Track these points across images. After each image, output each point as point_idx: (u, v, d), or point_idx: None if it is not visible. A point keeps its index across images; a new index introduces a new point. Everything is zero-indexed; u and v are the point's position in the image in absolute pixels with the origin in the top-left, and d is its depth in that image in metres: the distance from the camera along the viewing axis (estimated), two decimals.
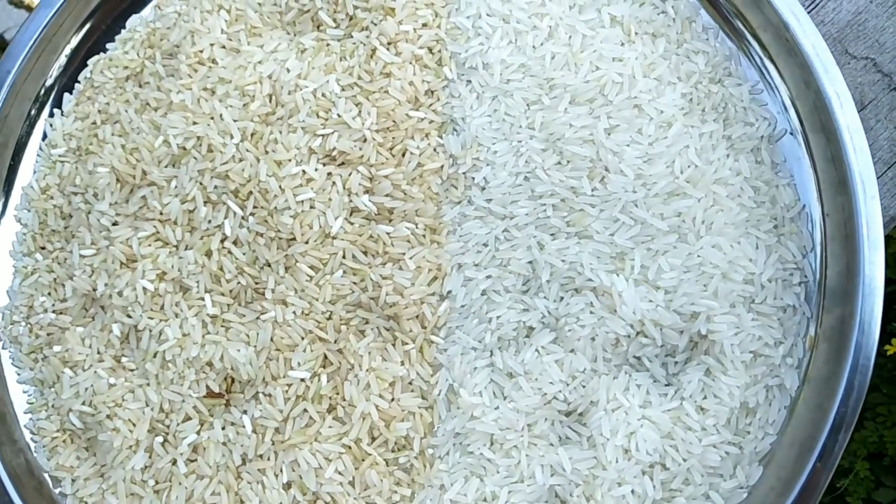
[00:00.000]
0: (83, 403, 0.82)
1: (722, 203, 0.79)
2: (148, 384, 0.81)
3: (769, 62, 0.82)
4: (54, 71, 0.91)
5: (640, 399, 0.77)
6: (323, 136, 0.81)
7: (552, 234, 0.79)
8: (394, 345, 0.80)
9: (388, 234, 0.80)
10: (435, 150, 0.81)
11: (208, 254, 0.81)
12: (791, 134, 0.81)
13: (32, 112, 0.91)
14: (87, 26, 0.92)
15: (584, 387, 0.77)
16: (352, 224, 0.80)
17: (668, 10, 0.84)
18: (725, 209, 0.79)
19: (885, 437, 1.02)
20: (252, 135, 0.81)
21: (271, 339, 0.79)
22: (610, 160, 0.78)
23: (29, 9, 1.19)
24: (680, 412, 0.77)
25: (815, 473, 0.71)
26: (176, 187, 0.82)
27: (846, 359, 0.71)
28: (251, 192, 0.80)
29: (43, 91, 0.91)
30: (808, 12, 0.78)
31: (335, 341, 0.80)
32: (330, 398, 0.79)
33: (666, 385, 0.78)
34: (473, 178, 0.80)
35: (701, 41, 0.83)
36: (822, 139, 0.78)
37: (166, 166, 0.83)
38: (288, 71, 0.82)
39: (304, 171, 0.80)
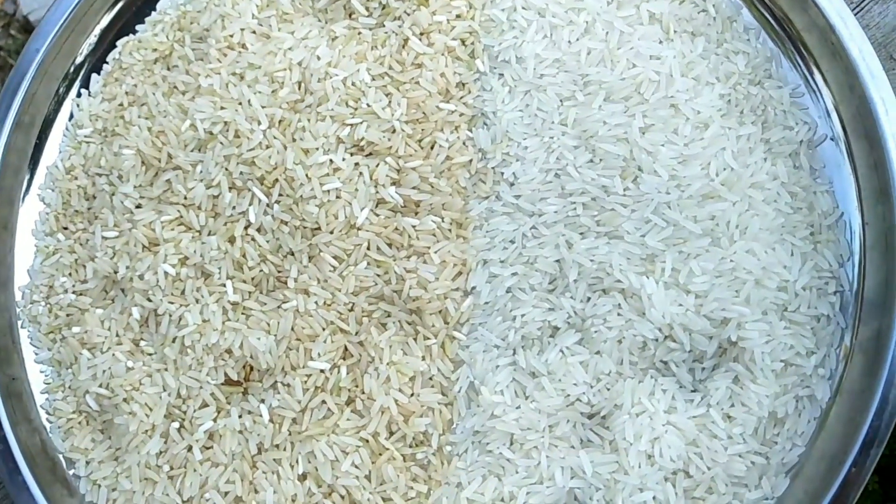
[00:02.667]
0: (100, 386, 0.82)
1: (757, 208, 0.77)
2: (166, 369, 0.81)
3: (812, 65, 0.80)
4: (83, 50, 0.91)
5: (665, 404, 0.75)
6: (351, 125, 0.80)
7: (581, 233, 0.78)
8: (415, 339, 0.78)
9: (413, 227, 0.79)
10: (464, 143, 0.80)
11: (231, 240, 0.80)
12: (832, 139, 0.79)
13: (60, 91, 0.90)
14: (118, 7, 0.91)
15: (608, 389, 0.76)
16: (377, 216, 0.79)
17: (708, 8, 0.82)
18: (761, 214, 0.77)
19: (895, 451, 1.00)
20: (280, 122, 0.81)
21: (292, 329, 0.79)
22: (644, 160, 0.76)
23: None
24: (706, 419, 0.75)
25: (844, 488, 0.70)
26: (201, 172, 0.81)
27: (882, 372, 0.70)
28: (277, 180, 0.79)
29: (71, 70, 0.91)
30: (854, 16, 0.76)
31: (356, 333, 0.79)
32: (349, 390, 0.78)
33: (692, 391, 0.77)
34: (502, 174, 0.79)
35: (742, 41, 0.82)
36: (864, 146, 0.76)
37: (192, 151, 0.82)
38: (318, 58, 0.81)
39: (331, 161, 0.79)
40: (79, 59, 0.91)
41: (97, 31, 0.91)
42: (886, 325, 0.71)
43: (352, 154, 0.80)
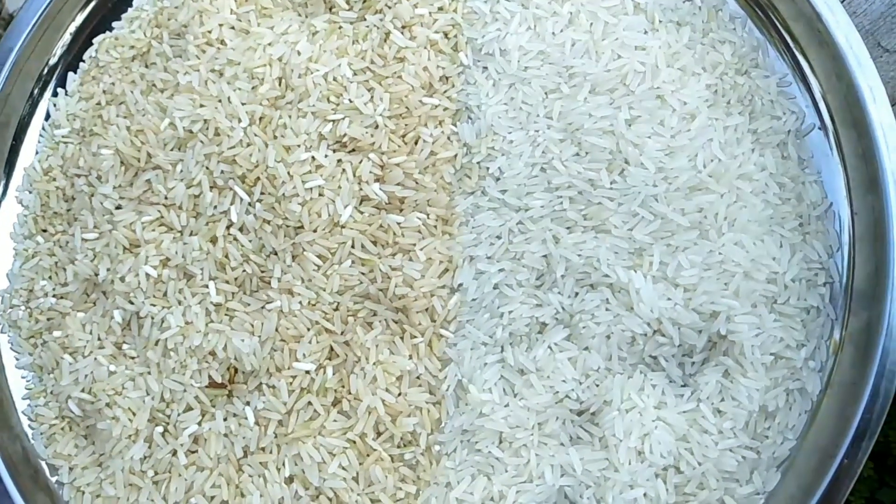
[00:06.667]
0: (82, 390, 0.81)
1: (745, 199, 0.76)
2: (149, 372, 0.80)
3: (799, 54, 0.80)
4: (58, 49, 0.90)
5: (655, 400, 0.75)
6: (333, 121, 0.79)
7: (568, 228, 0.77)
8: (402, 338, 0.78)
9: (398, 223, 0.78)
10: (448, 138, 0.79)
11: (213, 240, 0.79)
12: (820, 129, 0.79)
13: (35, 91, 0.89)
14: (93, 3, 0.90)
15: (597, 386, 0.76)
16: (361, 213, 0.78)
17: None
18: (749, 205, 0.76)
19: (889, 437, 1.00)
20: (260, 119, 0.79)
21: (276, 330, 0.78)
22: (630, 152, 0.76)
23: None
24: (696, 414, 0.75)
25: (836, 481, 0.69)
26: (181, 171, 0.80)
27: (872, 364, 0.70)
28: (258, 178, 0.78)
29: (46, 70, 0.89)
30: (841, 3, 0.75)
31: (342, 333, 0.78)
32: (335, 391, 0.77)
33: (682, 386, 0.77)
34: (488, 168, 0.78)
35: (727, 31, 0.81)
36: (853, 135, 0.76)
37: (172, 149, 0.81)
38: (299, 54, 0.80)
39: (313, 158, 0.78)
40: (54, 58, 0.89)
41: (72, 28, 0.90)
42: (876, 316, 0.71)
43: (334, 151, 0.79)
